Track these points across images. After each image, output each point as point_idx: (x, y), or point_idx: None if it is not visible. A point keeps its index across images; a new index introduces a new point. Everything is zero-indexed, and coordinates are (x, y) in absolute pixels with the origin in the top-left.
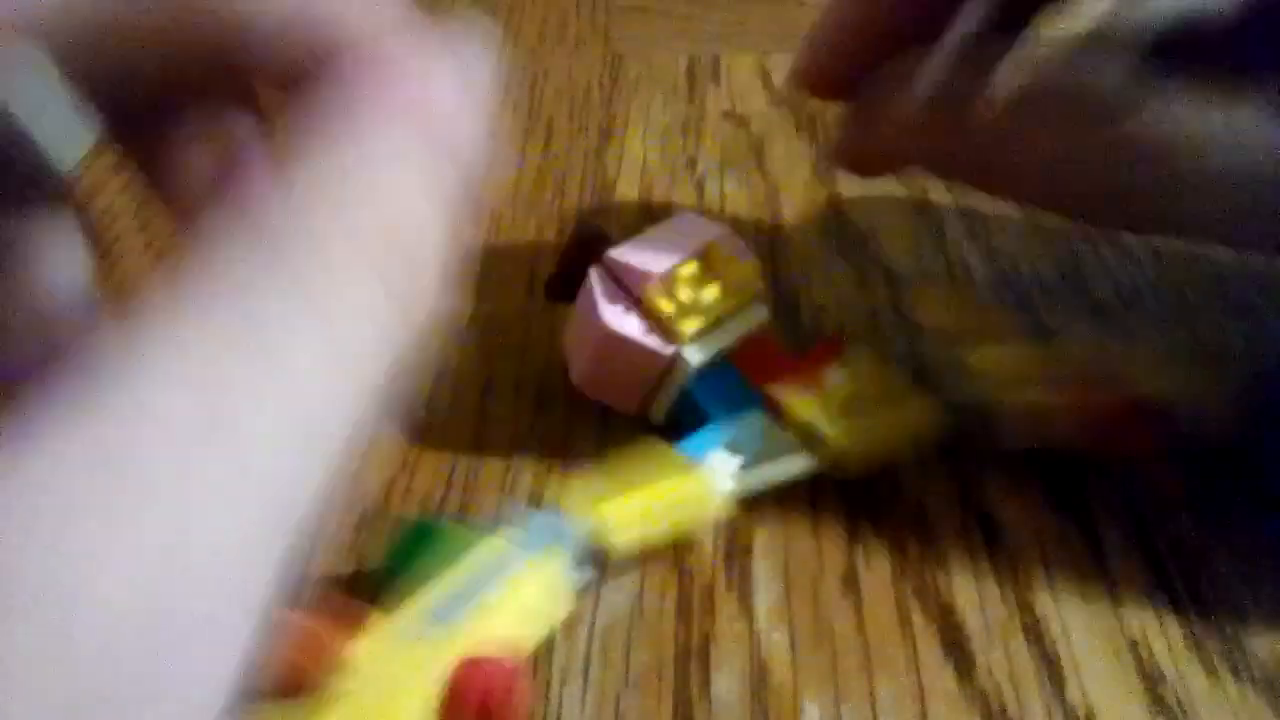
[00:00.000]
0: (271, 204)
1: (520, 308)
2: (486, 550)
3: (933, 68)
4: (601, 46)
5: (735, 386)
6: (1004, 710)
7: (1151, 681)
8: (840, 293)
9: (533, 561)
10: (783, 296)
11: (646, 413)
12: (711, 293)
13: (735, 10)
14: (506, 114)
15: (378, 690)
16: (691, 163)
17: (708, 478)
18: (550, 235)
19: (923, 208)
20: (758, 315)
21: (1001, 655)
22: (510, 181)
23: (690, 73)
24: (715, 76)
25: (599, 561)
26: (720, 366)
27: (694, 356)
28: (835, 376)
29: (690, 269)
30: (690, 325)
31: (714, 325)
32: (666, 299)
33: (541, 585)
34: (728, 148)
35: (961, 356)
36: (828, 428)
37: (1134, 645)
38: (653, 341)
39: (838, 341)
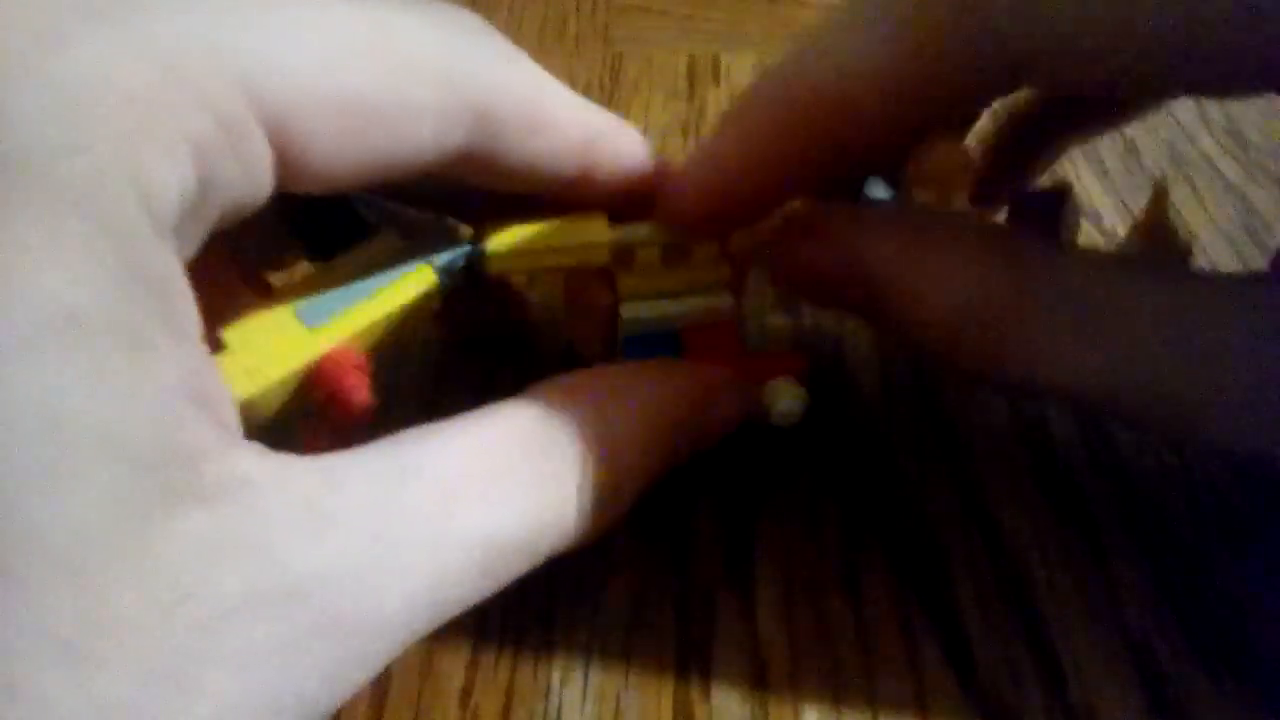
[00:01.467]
0: (549, 398)
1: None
2: (378, 249)
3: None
4: (601, 46)
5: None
6: (1004, 710)
7: (1151, 681)
8: None
9: (413, 271)
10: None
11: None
12: (670, 269)
13: (735, 10)
14: None
15: (242, 363)
16: None
17: (598, 220)
18: None
19: None
20: (720, 300)
21: (1001, 655)
22: None
23: (690, 73)
24: (715, 76)
25: (471, 271)
26: (663, 335)
27: (628, 311)
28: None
29: (647, 232)
30: (631, 282)
31: (666, 293)
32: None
33: (411, 296)
34: None
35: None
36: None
37: (1134, 645)
38: (595, 284)
39: (799, 359)
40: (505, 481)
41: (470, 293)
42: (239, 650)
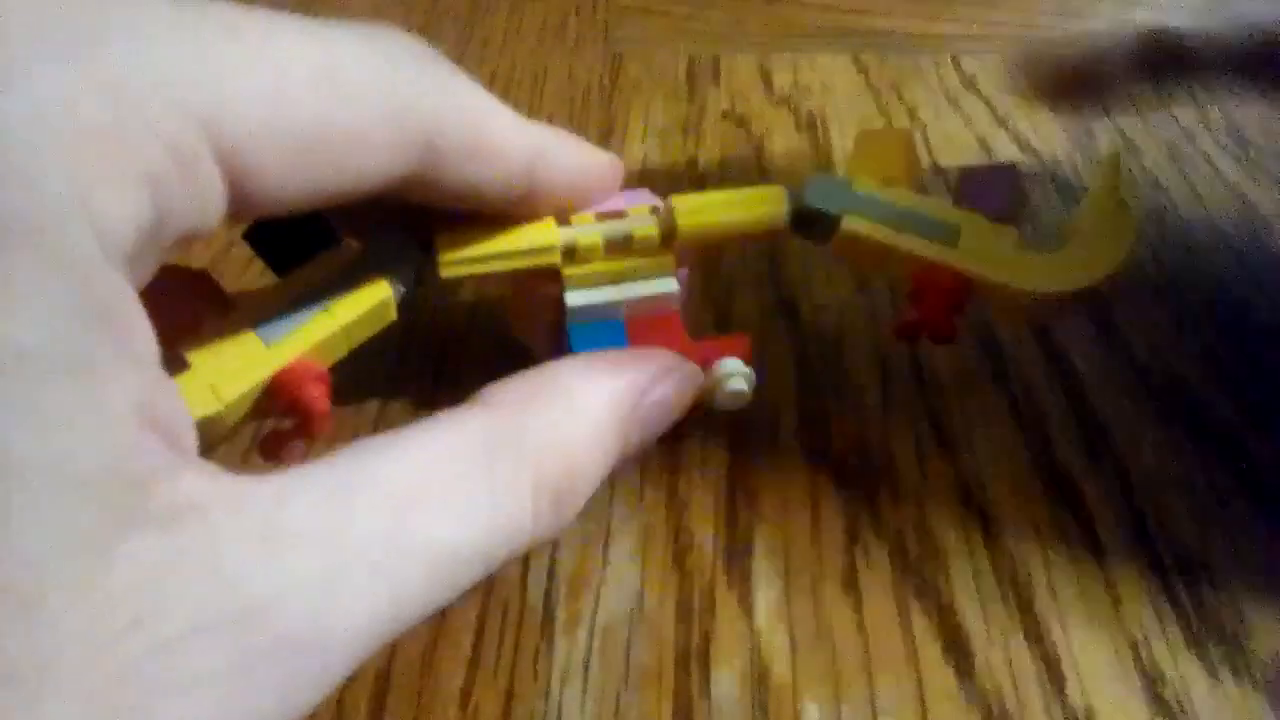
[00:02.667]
0: (498, 402)
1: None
2: (333, 260)
3: None
4: (601, 46)
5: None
6: (1004, 710)
7: (1151, 681)
8: (840, 292)
9: (368, 283)
10: (783, 296)
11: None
12: (614, 256)
13: (735, 10)
14: None
15: (204, 381)
16: (692, 163)
17: (550, 227)
18: None
19: None
20: (664, 286)
21: (1001, 655)
22: None
23: (690, 73)
24: (715, 76)
25: (421, 280)
26: (608, 324)
27: (572, 299)
28: None
29: (588, 220)
30: (575, 271)
31: (610, 281)
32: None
33: (367, 308)
34: (728, 148)
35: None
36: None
37: (1134, 645)
38: (540, 275)
39: (743, 339)
40: (458, 489)
41: None
42: (192, 674)
